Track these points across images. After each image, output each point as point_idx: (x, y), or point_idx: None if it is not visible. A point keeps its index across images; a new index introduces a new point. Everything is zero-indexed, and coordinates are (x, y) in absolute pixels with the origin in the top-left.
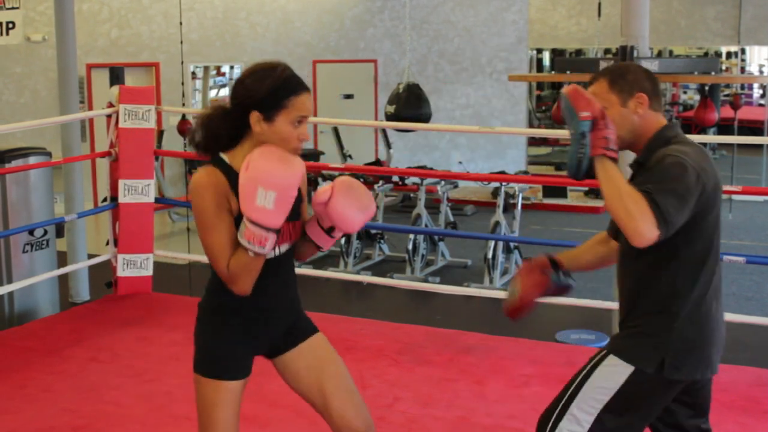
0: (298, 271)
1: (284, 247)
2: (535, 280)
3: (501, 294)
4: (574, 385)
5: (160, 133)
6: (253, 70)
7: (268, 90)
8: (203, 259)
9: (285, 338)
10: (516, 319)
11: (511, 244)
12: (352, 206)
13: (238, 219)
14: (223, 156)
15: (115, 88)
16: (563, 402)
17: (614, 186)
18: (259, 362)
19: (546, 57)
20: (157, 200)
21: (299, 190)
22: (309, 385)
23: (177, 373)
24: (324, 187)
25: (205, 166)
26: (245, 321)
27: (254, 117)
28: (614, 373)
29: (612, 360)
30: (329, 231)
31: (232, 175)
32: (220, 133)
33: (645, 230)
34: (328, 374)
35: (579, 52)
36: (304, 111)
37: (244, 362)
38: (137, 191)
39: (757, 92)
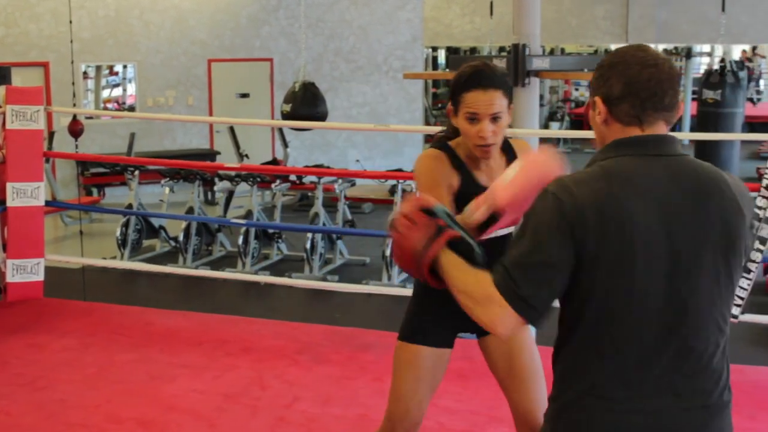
0: (195, 272)
1: (500, 232)
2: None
3: (400, 291)
4: None
5: (51, 134)
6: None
7: (453, 85)
8: (97, 262)
9: None
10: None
11: None
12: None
13: (457, 197)
14: (450, 143)
15: (2, 89)
16: None
17: (454, 277)
18: (151, 367)
19: (441, 55)
20: (47, 203)
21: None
22: (500, 371)
23: (70, 379)
24: None
25: (432, 147)
26: (447, 294)
27: (449, 108)
28: None
29: None
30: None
31: (454, 159)
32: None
33: (494, 319)
34: (517, 365)
35: (473, 50)
36: (473, 108)
37: (437, 331)
38: (26, 194)
39: None
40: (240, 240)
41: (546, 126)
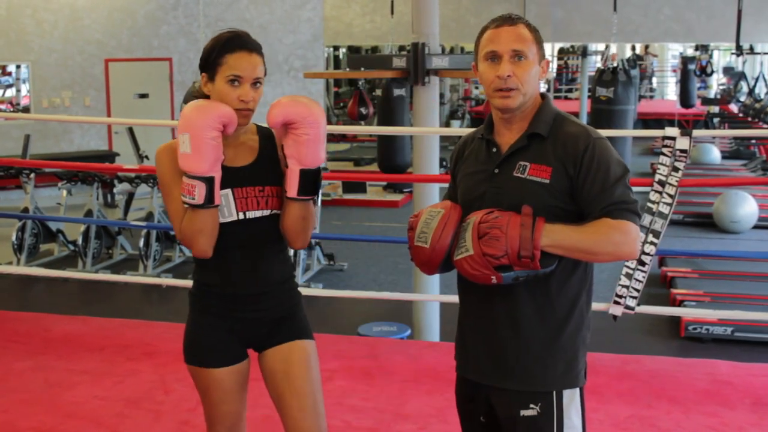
0: (94, 276)
1: (251, 214)
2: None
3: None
4: None
5: None
6: None
7: (209, 49)
8: None
9: (270, 333)
10: (425, 270)
11: (312, 241)
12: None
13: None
14: None
15: None
16: None
17: (578, 242)
18: (49, 374)
19: (342, 54)
20: None
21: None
22: (273, 390)
23: None
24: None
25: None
26: (218, 301)
27: (203, 79)
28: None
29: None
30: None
31: None
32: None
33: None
34: (291, 388)
35: (374, 49)
36: (237, 69)
37: (224, 348)
38: None
39: (542, 87)
40: (141, 242)
41: (447, 124)
